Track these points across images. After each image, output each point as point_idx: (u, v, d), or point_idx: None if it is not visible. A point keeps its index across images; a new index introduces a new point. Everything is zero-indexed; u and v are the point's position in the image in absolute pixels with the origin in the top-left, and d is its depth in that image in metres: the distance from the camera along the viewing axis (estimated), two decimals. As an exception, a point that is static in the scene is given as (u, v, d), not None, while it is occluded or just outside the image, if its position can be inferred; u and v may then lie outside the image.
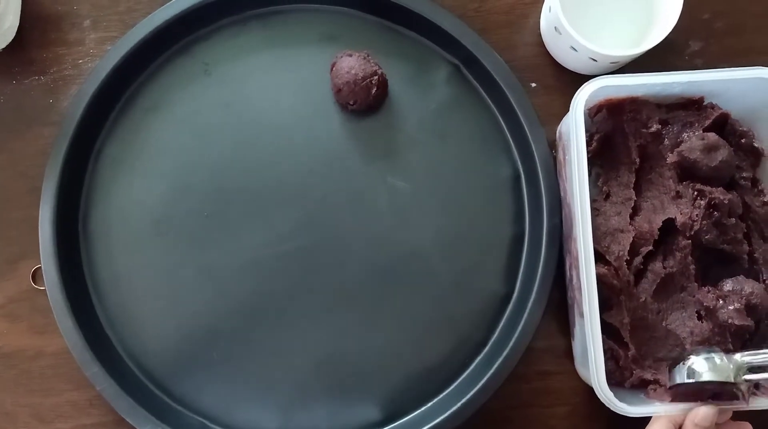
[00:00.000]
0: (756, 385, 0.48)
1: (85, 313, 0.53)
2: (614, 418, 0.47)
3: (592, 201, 0.49)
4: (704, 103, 0.52)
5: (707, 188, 0.50)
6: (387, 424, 0.53)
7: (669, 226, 0.50)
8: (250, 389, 0.53)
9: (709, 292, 0.49)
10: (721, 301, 0.48)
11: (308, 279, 0.54)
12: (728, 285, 0.50)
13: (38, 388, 0.54)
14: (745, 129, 0.52)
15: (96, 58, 0.57)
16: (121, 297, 0.54)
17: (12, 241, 0.55)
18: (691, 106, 0.52)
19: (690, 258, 0.50)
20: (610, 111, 0.52)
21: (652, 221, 0.50)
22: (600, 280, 0.48)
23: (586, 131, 0.49)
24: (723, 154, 0.50)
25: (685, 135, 0.51)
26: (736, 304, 0.48)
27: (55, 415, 0.54)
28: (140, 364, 0.54)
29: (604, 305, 0.50)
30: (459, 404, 0.51)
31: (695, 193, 0.50)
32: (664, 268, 0.50)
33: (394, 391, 0.53)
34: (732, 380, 0.45)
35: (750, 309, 0.48)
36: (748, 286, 0.49)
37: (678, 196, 0.50)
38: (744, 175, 0.52)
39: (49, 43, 0.57)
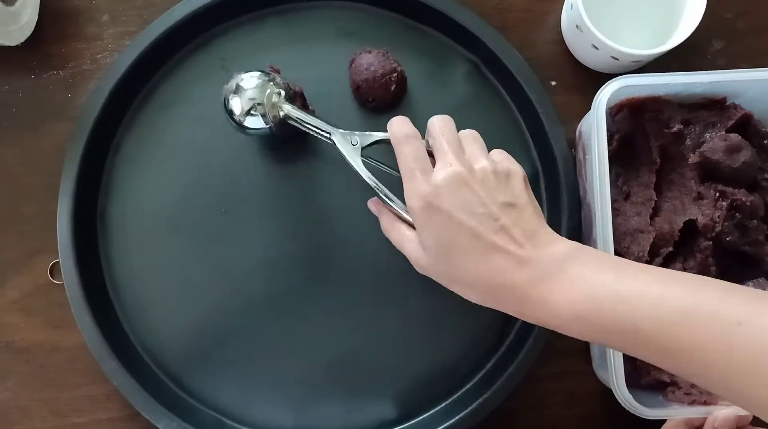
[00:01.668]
0: None
1: (102, 308, 0.53)
2: (630, 421, 0.47)
3: (612, 201, 0.49)
4: (726, 104, 0.51)
5: (729, 189, 0.49)
6: (401, 424, 0.53)
7: (690, 227, 0.50)
8: (264, 386, 0.53)
9: None
10: None
11: (322, 278, 0.54)
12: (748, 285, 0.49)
13: (54, 383, 0.54)
14: (767, 130, 0.51)
15: (114, 53, 0.57)
16: (137, 292, 0.54)
17: (28, 236, 0.55)
18: (714, 106, 0.52)
19: (711, 259, 0.49)
20: (631, 110, 0.51)
21: (672, 222, 0.50)
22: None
23: (607, 131, 0.48)
24: (746, 155, 0.49)
25: (707, 135, 0.51)
26: None
27: (71, 410, 0.54)
28: (156, 359, 0.54)
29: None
30: (474, 405, 0.51)
31: (717, 194, 0.49)
32: (684, 269, 0.50)
33: (408, 391, 0.53)
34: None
35: None
36: None
37: (699, 197, 0.50)
38: (766, 176, 0.51)
39: (67, 37, 0.57)
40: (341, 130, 0.48)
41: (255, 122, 0.49)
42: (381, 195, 0.46)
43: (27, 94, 0.56)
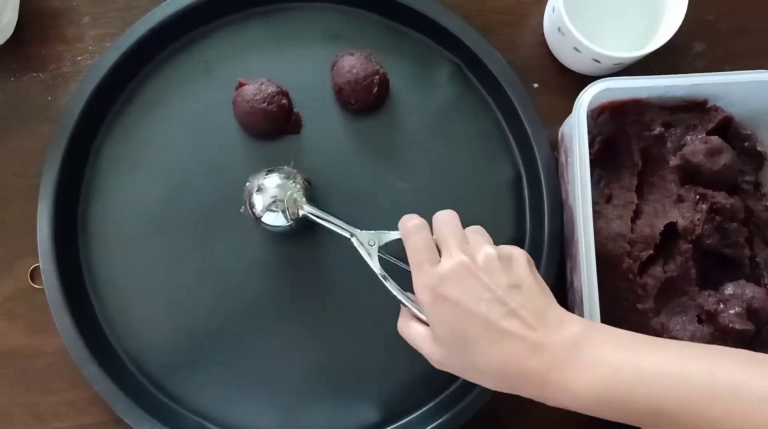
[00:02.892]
0: None
1: (84, 313, 0.53)
2: (616, 423, 0.47)
3: (594, 203, 0.49)
4: (708, 106, 0.52)
5: (709, 192, 0.49)
6: (386, 426, 0.53)
7: (670, 229, 0.50)
8: (249, 390, 0.53)
9: (710, 296, 0.49)
10: (721, 306, 0.48)
11: (307, 280, 0.54)
12: (729, 289, 0.49)
13: (36, 387, 0.54)
14: (748, 132, 0.51)
15: (95, 55, 0.56)
16: (119, 296, 0.54)
17: (9, 240, 0.55)
18: (695, 108, 0.52)
19: (691, 262, 0.50)
20: (612, 113, 0.51)
21: (653, 225, 0.50)
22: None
23: (589, 133, 0.48)
24: (726, 158, 0.50)
25: (688, 138, 0.51)
26: (737, 309, 0.48)
27: (52, 415, 0.54)
28: (138, 363, 0.53)
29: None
30: (460, 406, 0.51)
31: (697, 196, 0.49)
32: (665, 272, 0.50)
33: (394, 393, 0.53)
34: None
35: (751, 313, 0.48)
36: (750, 291, 0.49)
37: (680, 199, 0.50)
38: (747, 178, 0.51)
39: (47, 39, 0.56)
40: (360, 231, 0.48)
41: (275, 219, 0.50)
42: (395, 293, 0.46)
43: (7, 96, 0.56)
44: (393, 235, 0.48)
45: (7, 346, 0.54)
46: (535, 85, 0.57)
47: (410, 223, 0.45)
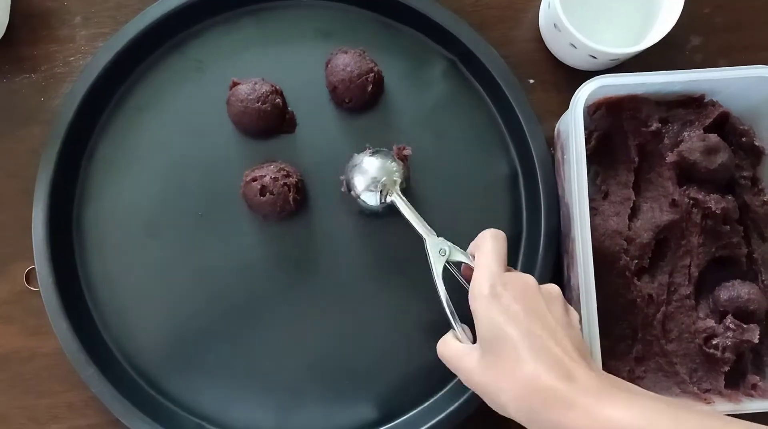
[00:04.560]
0: (753, 386, 0.48)
1: (80, 315, 0.53)
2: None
3: (591, 200, 0.49)
4: (704, 101, 0.51)
5: (701, 197, 0.49)
6: (383, 424, 0.53)
7: (666, 230, 0.50)
8: (246, 389, 0.53)
9: (707, 317, 0.50)
10: (717, 329, 0.49)
11: (302, 280, 0.54)
12: (724, 293, 0.49)
13: (33, 390, 0.54)
14: (745, 127, 0.51)
15: (87, 55, 0.56)
16: (115, 298, 0.54)
17: (4, 242, 0.55)
18: (692, 103, 0.51)
19: (689, 262, 0.50)
20: (609, 109, 0.51)
21: (649, 227, 0.50)
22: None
23: (585, 129, 0.48)
24: (723, 157, 0.49)
25: (685, 134, 0.51)
26: (729, 337, 0.48)
27: (50, 417, 0.54)
28: (135, 365, 0.53)
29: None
30: (456, 404, 0.51)
31: (690, 202, 0.49)
32: (662, 271, 0.50)
33: (390, 391, 0.53)
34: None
35: (748, 315, 0.48)
36: (745, 292, 0.49)
37: (674, 203, 0.50)
38: (744, 173, 0.51)
39: (39, 40, 0.56)
40: (435, 237, 0.48)
41: (371, 198, 0.51)
42: (445, 306, 0.46)
43: (-1, 98, 0.56)
44: (462, 256, 0.47)
45: (3, 349, 0.54)
46: (531, 81, 0.57)
47: (492, 231, 0.45)
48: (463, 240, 0.54)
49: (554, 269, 0.53)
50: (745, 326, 0.48)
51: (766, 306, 0.49)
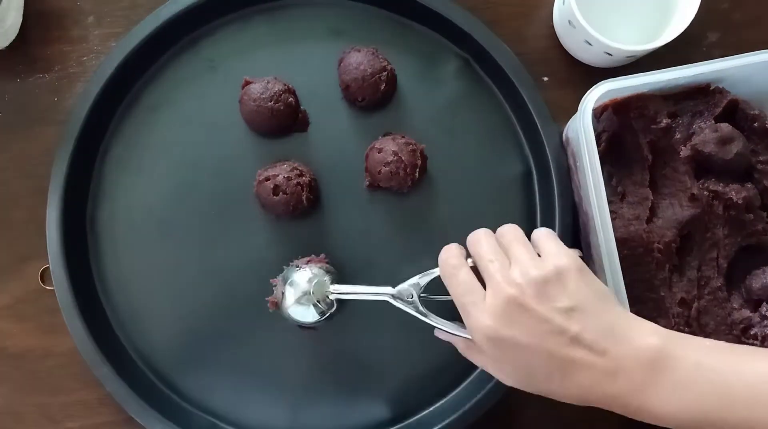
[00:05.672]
0: None
1: (94, 313, 0.53)
2: (626, 418, 0.47)
3: (608, 202, 0.47)
4: (711, 89, 0.50)
5: (721, 189, 0.48)
6: (395, 424, 0.53)
7: (688, 225, 0.49)
8: (258, 388, 0.53)
9: (742, 307, 0.49)
10: (755, 318, 0.48)
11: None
12: (756, 282, 0.49)
13: (47, 388, 0.54)
14: (756, 112, 0.50)
15: (100, 55, 0.56)
16: (129, 296, 0.54)
17: (19, 242, 0.55)
18: (699, 93, 0.50)
19: (717, 254, 0.49)
20: (615, 109, 0.50)
21: (671, 224, 0.49)
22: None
23: (594, 130, 0.47)
24: (737, 145, 0.48)
25: (696, 126, 0.50)
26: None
27: (64, 415, 0.54)
28: (149, 363, 0.54)
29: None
30: (469, 405, 0.51)
31: (710, 195, 0.48)
32: (690, 266, 0.49)
33: (403, 391, 0.53)
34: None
35: None
36: None
37: (694, 197, 0.49)
38: (761, 158, 0.50)
39: (52, 40, 0.56)
40: (392, 291, 0.46)
41: (306, 314, 0.50)
42: (454, 333, 0.45)
43: (13, 98, 0.56)
44: (433, 274, 0.45)
45: (18, 348, 0.54)
46: (545, 79, 0.56)
47: (447, 263, 0.42)
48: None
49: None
50: None
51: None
